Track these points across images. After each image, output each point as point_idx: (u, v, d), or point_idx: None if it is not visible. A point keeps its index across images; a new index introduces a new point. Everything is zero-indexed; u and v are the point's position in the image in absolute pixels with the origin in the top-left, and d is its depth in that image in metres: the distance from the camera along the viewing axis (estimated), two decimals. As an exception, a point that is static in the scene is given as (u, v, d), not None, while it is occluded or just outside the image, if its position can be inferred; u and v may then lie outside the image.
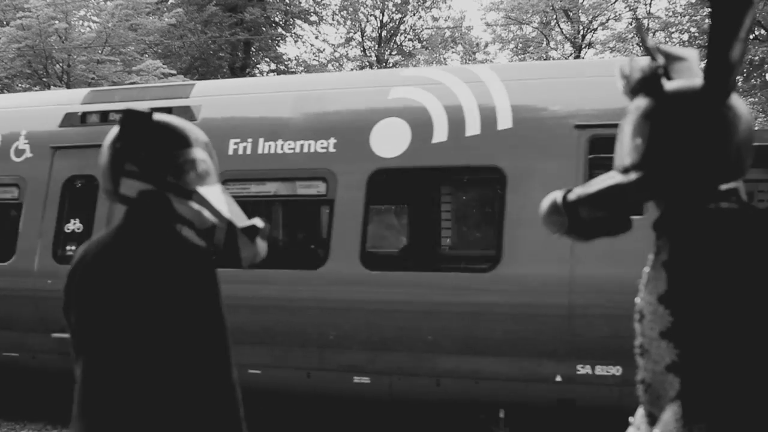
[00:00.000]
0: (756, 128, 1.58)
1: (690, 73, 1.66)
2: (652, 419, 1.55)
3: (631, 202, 1.61)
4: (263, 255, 1.94)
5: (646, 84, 1.61)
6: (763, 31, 19.19)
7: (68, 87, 21.67)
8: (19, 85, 23.48)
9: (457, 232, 9.19)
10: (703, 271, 1.42)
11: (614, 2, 28.14)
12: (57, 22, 21.18)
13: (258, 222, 1.90)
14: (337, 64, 31.76)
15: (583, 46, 29.66)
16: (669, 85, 1.61)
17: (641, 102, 1.62)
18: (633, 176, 1.57)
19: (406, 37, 32.14)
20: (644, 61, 1.66)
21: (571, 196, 1.63)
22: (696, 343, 1.41)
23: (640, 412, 1.71)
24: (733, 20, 1.42)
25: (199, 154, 1.96)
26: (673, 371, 1.46)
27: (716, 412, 1.38)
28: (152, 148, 1.89)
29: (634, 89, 1.64)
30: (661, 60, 1.63)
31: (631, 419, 1.77)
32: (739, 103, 1.57)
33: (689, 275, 1.44)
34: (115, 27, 22.14)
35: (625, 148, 1.62)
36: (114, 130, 1.96)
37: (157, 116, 1.95)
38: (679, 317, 1.45)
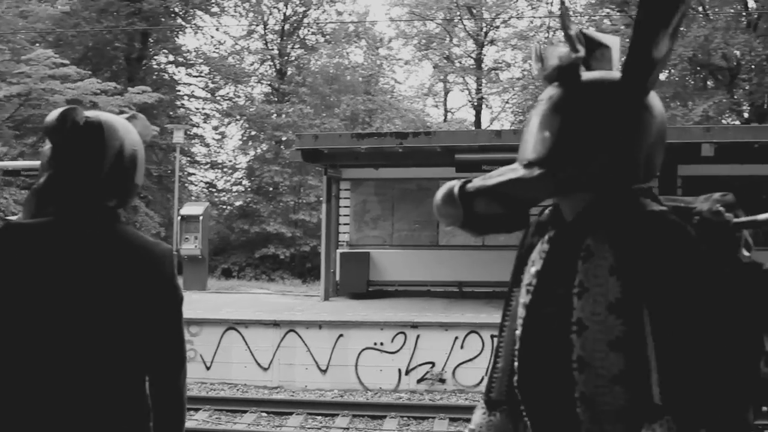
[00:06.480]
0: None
1: (609, 64, 1.58)
2: None
3: (531, 199, 1.50)
4: None
5: (563, 73, 1.50)
6: None
7: (-50, 78, 19.82)
8: None
9: None
10: (654, 275, 1.38)
11: (517, 0, 29.02)
12: (-64, 6, 19.33)
13: None
14: (238, 57, 30.89)
15: (485, 43, 30.37)
16: (585, 76, 1.52)
17: (553, 92, 1.52)
18: (536, 172, 1.47)
19: (309, 31, 31.69)
20: (563, 49, 1.53)
21: (470, 187, 1.49)
22: (668, 350, 1.37)
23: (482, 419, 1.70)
24: (663, 12, 1.35)
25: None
26: (619, 383, 1.41)
27: (711, 415, 1.33)
28: None
29: (549, 76, 1.53)
30: (581, 51, 1.52)
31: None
32: (656, 101, 1.51)
33: (642, 281, 1.39)
34: (2, 14, 20.48)
35: (530, 141, 1.52)
36: None
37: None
38: (633, 326, 1.40)
